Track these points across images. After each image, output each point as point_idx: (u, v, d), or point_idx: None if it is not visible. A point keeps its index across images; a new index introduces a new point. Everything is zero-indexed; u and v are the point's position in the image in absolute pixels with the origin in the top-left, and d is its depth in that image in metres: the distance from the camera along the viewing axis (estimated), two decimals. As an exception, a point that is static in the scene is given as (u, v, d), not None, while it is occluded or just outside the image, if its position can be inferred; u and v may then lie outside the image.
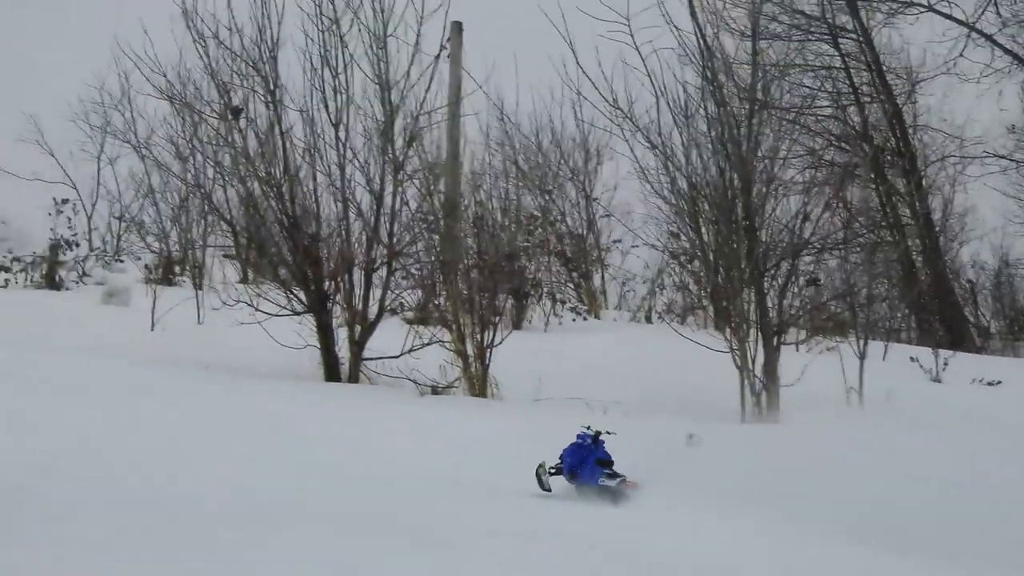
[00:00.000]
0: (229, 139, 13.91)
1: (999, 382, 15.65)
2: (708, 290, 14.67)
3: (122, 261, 25.32)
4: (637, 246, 22.46)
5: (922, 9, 23.78)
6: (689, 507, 7.47)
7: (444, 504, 7.58)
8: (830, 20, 19.90)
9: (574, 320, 20.06)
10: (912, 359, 16.75)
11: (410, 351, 13.26)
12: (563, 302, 20.81)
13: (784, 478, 8.23)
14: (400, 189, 13.67)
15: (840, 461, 9.27)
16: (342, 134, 13.58)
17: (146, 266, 23.04)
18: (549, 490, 8.13)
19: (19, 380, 10.57)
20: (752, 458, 9.11)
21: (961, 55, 24.12)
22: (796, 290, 13.40)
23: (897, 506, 7.60)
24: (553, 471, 8.21)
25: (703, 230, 13.10)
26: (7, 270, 21.54)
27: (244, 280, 18.55)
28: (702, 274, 14.52)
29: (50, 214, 23.08)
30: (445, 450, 9.41)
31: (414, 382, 12.81)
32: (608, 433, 8.40)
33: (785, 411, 11.86)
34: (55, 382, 10.74)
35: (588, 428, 8.40)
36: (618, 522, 7.44)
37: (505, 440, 9.75)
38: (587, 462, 8.18)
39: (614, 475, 8.07)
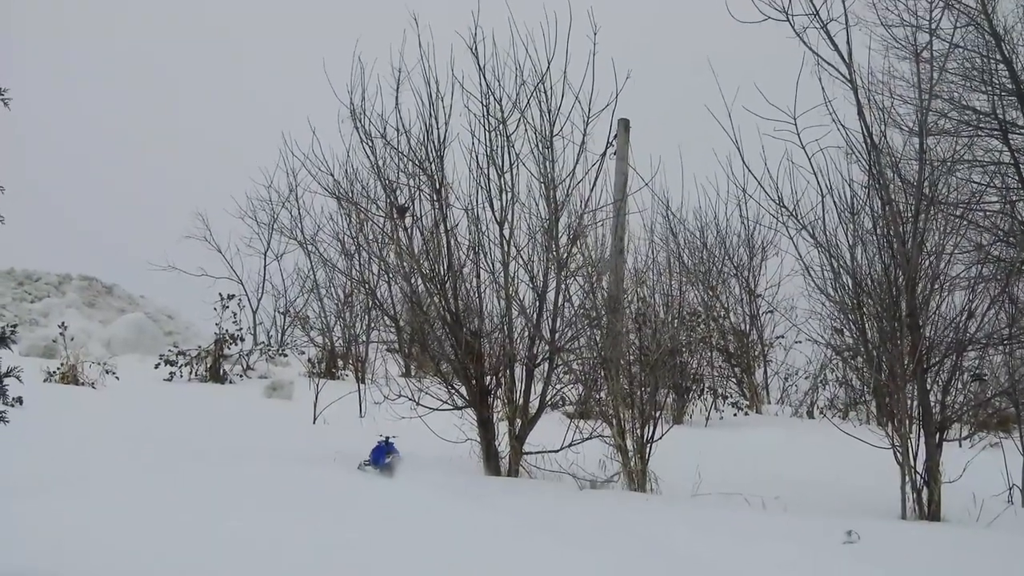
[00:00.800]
0: (394, 236, 14.11)
1: None
2: (870, 386, 14.48)
3: (286, 355, 25.80)
4: (800, 341, 22.36)
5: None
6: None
7: None
8: (1000, 116, 19.60)
9: (735, 415, 19.97)
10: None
11: (570, 445, 13.29)
12: (725, 397, 20.74)
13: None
14: (563, 286, 13.74)
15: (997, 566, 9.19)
16: (506, 232, 13.70)
17: (309, 360, 23.43)
18: (365, 471, 12.35)
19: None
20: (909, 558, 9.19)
21: None
22: (960, 386, 13.22)
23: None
24: (367, 464, 12.46)
25: (866, 326, 12.96)
26: (173, 364, 22.01)
27: (406, 374, 18.77)
28: (864, 370, 14.34)
29: (215, 309, 23.57)
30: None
31: (573, 476, 12.83)
32: (394, 437, 12.71)
33: (946, 508, 11.68)
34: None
35: (382, 436, 12.72)
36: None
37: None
38: (381, 455, 12.53)
39: (390, 455, 12.54)
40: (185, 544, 8.47)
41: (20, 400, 14.52)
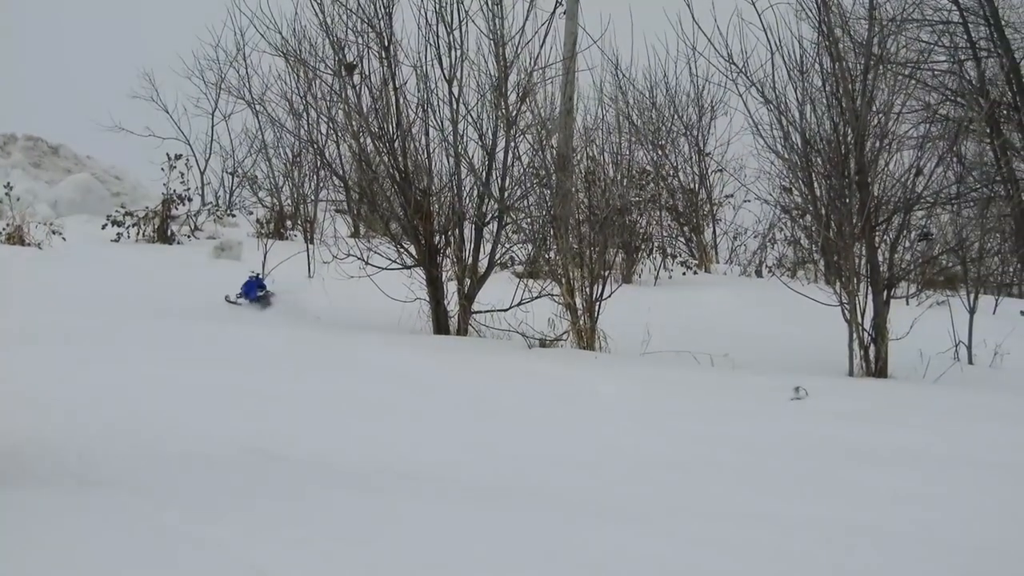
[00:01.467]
0: (343, 95, 14.01)
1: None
2: (819, 244, 14.57)
3: (234, 216, 25.63)
4: (749, 201, 22.42)
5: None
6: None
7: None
8: (950, -26, 19.59)
9: (684, 274, 20.01)
10: (1022, 313, 16.47)
11: (519, 304, 13.32)
12: (674, 256, 20.76)
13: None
14: (512, 144, 13.70)
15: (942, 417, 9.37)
16: (455, 90, 13.61)
17: (258, 220, 23.32)
18: (236, 303, 13.92)
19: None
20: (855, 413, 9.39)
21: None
22: (907, 244, 13.35)
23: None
24: (239, 296, 13.97)
25: (815, 184, 13.02)
26: (120, 224, 21.80)
27: (355, 235, 18.71)
28: (813, 228, 14.42)
29: (163, 169, 23.31)
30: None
31: (523, 335, 12.87)
32: (266, 275, 14.36)
33: (893, 365, 11.83)
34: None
35: (253, 271, 14.32)
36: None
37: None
38: (252, 288, 14.03)
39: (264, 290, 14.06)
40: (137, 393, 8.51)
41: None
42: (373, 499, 6.03)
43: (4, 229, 19.50)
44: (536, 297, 13.32)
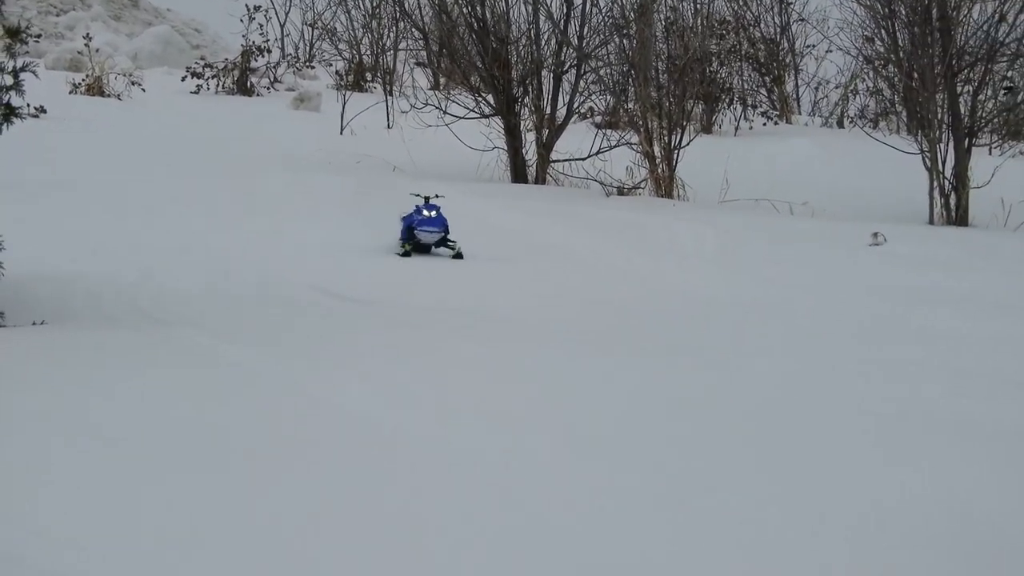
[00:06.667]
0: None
1: None
2: (901, 93, 14.40)
3: (313, 68, 25.66)
4: (831, 51, 22.14)
5: None
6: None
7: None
8: None
9: (765, 125, 19.86)
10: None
11: (597, 153, 13.31)
12: (754, 107, 20.56)
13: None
14: (591, -9, 13.61)
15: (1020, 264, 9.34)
16: (534, -64, 13.52)
17: (337, 72, 23.32)
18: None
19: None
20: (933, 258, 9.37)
21: None
22: (989, 93, 13.17)
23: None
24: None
25: (898, 34, 12.85)
26: (199, 76, 21.87)
27: (435, 87, 18.70)
28: (895, 78, 14.24)
29: (242, 21, 23.31)
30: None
31: (601, 183, 12.88)
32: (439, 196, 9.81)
33: (973, 214, 11.74)
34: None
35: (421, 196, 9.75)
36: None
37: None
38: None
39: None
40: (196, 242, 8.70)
41: (43, 109, 14.60)
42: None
43: (84, 81, 19.62)
44: (614, 146, 13.31)
